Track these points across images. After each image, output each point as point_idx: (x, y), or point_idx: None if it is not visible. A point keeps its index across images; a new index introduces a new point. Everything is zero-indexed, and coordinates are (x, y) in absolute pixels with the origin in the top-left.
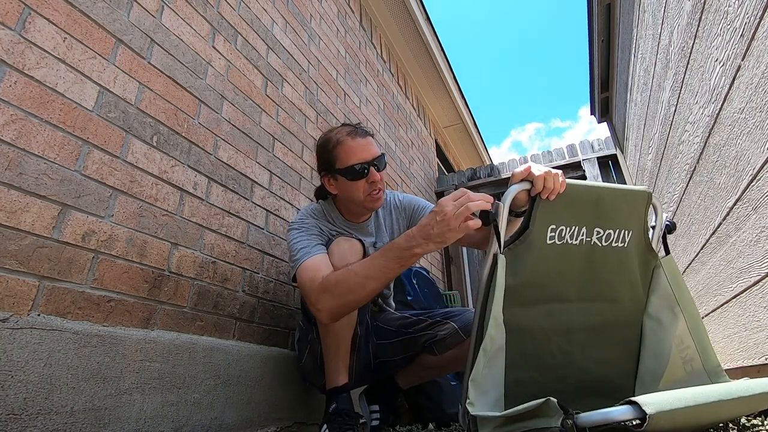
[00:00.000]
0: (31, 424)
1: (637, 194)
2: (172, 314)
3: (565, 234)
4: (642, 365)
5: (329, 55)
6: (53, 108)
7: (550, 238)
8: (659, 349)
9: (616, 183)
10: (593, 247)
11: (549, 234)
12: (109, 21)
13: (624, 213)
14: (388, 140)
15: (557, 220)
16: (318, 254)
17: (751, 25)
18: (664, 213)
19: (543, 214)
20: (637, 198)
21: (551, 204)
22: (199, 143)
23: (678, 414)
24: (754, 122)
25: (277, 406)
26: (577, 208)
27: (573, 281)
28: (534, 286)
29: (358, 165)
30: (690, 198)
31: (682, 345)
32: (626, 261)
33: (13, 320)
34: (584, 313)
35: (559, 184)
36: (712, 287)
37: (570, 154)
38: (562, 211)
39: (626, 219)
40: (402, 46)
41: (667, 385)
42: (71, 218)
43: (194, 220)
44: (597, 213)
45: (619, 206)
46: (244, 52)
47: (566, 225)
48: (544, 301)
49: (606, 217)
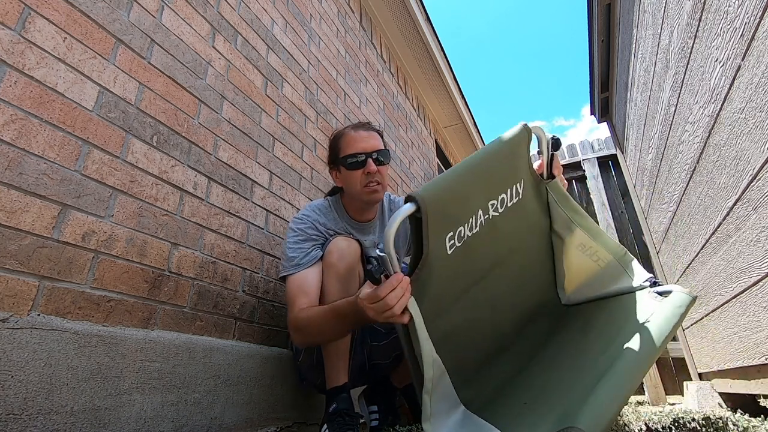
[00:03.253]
0: (31, 424)
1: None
2: (172, 314)
3: (465, 231)
4: (558, 276)
5: (329, 55)
6: (53, 108)
7: (450, 247)
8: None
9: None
10: (493, 220)
11: (449, 244)
12: (109, 21)
13: (510, 167)
14: (388, 140)
15: (452, 225)
16: (306, 268)
17: (751, 25)
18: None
19: (435, 230)
20: (518, 143)
21: (441, 216)
22: (199, 143)
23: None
24: (754, 122)
25: (277, 406)
26: (467, 200)
27: (482, 263)
28: (448, 292)
29: (357, 154)
30: (690, 198)
31: (585, 248)
32: (524, 209)
33: (13, 320)
34: (499, 278)
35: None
36: (712, 287)
37: (570, 154)
38: (453, 216)
39: (514, 172)
40: (402, 46)
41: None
42: (71, 218)
43: (194, 220)
44: (487, 188)
45: (505, 164)
46: (244, 52)
47: (462, 223)
48: (461, 295)
49: (495, 185)
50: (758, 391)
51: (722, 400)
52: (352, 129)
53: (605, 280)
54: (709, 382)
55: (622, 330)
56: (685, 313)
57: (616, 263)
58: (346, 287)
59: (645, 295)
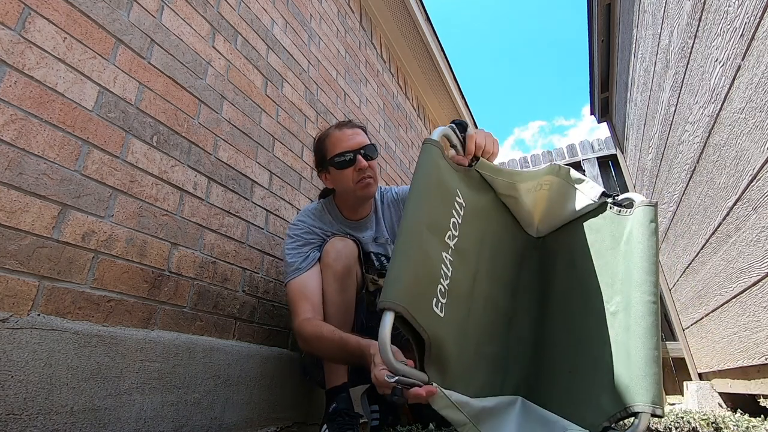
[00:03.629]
0: (31, 424)
1: (429, 159)
2: (172, 314)
3: (443, 286)
4: (521, 221)
5: (329, 55)
6: (53, 108)
7: (440, 309)
8: (523, 204)
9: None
10: (456, 249)
11: (437, 309)
12: (109, 21)
13: (442, 191)
14: (388, 140)
15: (432, 293)
16: (306, 271)
17: (751, 25)
18: (450, 127)
19: (422, 315)
20: (433, 161)
21: (418, 298)
22: (199, 143)
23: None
24: (754, 122)
25: (277, 406)
26: (430, 257)
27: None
28: (463, 342)
29: (345, 153)
30: (690, 198)
31: (532, 188)
32: (472, 211)
33: (13, 320)
34: (484, 280)
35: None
36: (712, 287)
37: (570, 154)
38: (428, 284)
39: (447, 192)
40: (402, 46)
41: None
42: (71, 218)
43: (194, 220)
44: (437, 230)
45: (437, 193)
46: (244, 52)
47: (438, 282)
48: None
49: (441, 221)
50: (758, 391)
51: (722, 400)
52: (336, 129)
53: (562, 202)
54: (709, 382)
55: (612, 264)
56: (656, 220)
57: (560, 181)
58: (344, 287)
59: (610, 215)
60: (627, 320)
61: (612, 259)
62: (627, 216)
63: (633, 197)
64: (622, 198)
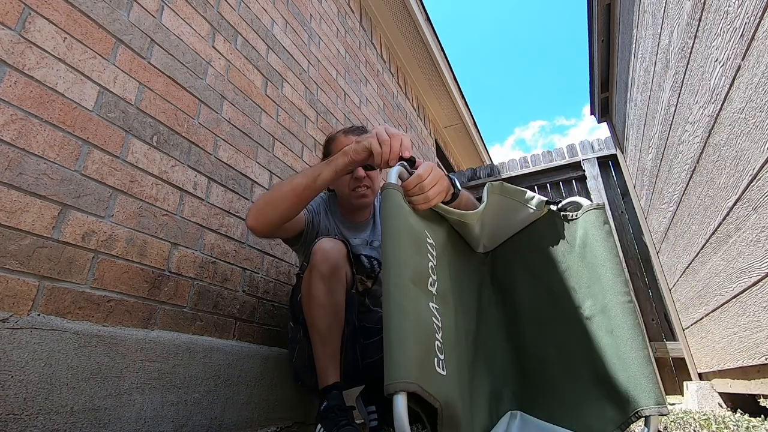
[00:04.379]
0: (31, 424)
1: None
2: (172, 314)
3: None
4: (471, 243)
5: (329, 55)
6: (53, 108)
7: (442, 368)
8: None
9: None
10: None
11: (438, 369)
12: (109, 21)
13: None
14: None
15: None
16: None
17: (751, 25)
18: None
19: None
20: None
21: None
22: (199, 143)
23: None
24: (754, 122)
25: (277, 406)
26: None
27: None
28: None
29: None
30: (690, 198)
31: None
32: (442, 250)
33: (13, 320)
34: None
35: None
36: (712, 287)
37: (570, 154)
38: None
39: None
40: (402, 46)
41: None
42: (71, 218)
43: (194, 220)
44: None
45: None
46: (244, 52)
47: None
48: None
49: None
50: (758, 391)
51: (722, 400)
52: (342, 133)
53: (504, 216)
54: (709, 382)
55: (573, 268)
56: (609, 222)
57: (497, 197)
58: (332, 288)
59: (557, 221)
60: (608, 323)
61: (571, 263)
62: (576, 220)
63: (579, 200)
64: (566, 203)
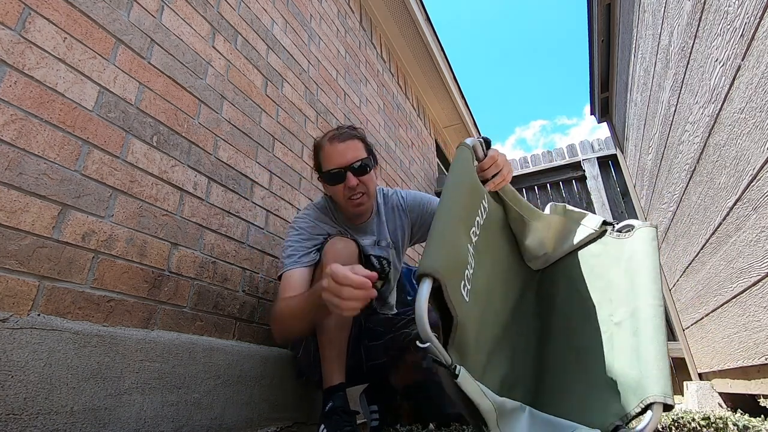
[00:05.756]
0: (31, 424)
1: (463, 160)
2: (172, 314)
3: (468, 273)
4: (524, 253)
5: (329, 55)
6: (53, 108)
7: (466, 294)
8: (527, 238)
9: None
10: (476, 246)
11: (464, 292)
12: (109, 21)
13: (472, 189)
14: (388, 140)
15: (461, 275)
16: (301, 267)
17: (751, 25)
18: (478, 139)
19: (454, 292)
20: (466, 161)
21: (452, 274)
22: (199, 143)
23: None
24: (754, 122)
25: (277, 406)
26: (460, 242)
27: (483, 287)
28: (481, 336)
29: (334, 170)
30: (690, 198)
31: (539, 227)
32: (491, 220)
33: (13, 320)
34: (498, 291)
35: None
36: (712, 287)
37: (570, 154)
38: (458, 265)
39: (476, 191)
40: (402, 46)
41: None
42: (71, 218)
43: (194, 220)
44: (465, 220)
45: (468, 188)
46: (244, 52)
47: (465, 267)
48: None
49: (469, 213)
50: (758, 391)
51: (722, 400)
52: (328, 141)
53: (562, 238)
54: (709, 382)
55: (615, 281)
56: (657, 239)
57: (559, 219)
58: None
59: (609, 240)
60: (635, 324)
61: (614, 277)
62: (626, 239)
63: (633, 223)
64: (622, 225)
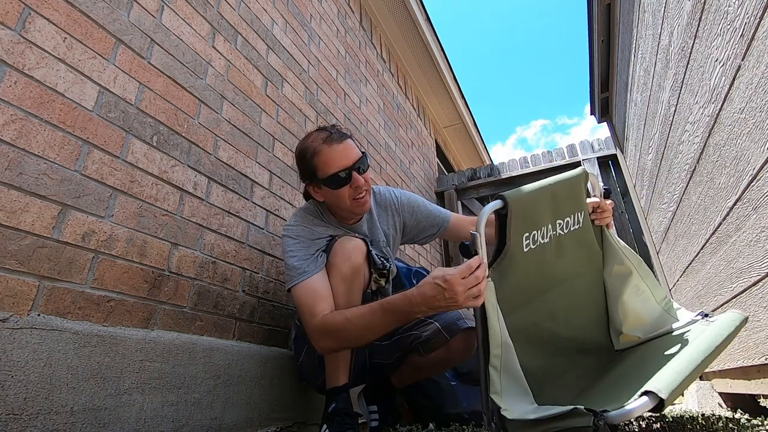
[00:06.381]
0: (31, 424)
1: (577, 178)
2: (172, 314)
3: (537, 237)
4: (612, 321)
5: (329, 55)
6: (53, 108)
7: (526, 246)
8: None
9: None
10: (559, 238)
11: (525, 243)
12: (109, 21)
13: (572, 197)
14: (388, 140)
15: (528, 227)
16: (315, 274)
17: (751, 25)
18: (600, 183)
19: (516, 226)
20: (578, 181)
21: (521, 215)
22: (199, 143)
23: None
24: (754, 122)
25: (277, 406)
26: (540, 209)
27: (549, 273)
28: (520, 291)
29: (340, 172)
30: (690, 198)
31: (639, 291)
32: (584, 237)
33: (13, 320)
34: (560, 295)
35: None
36: (712, 287)
37: (570, 154)
38: (530, 218)
39: (575, 202)
40: (402, 46)
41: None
42: (71, 218)
43: (194, 220)
44: (554, 207)
45: (568, 193)
46: (244, 52)
47: (537, 228)
48: (530, 300)
49: (561, 207)
50: (758, 391)
51: (722, 400)
52: (325, 144)
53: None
54: (709, 382)
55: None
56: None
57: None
58: (351, 288)
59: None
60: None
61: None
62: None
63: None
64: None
